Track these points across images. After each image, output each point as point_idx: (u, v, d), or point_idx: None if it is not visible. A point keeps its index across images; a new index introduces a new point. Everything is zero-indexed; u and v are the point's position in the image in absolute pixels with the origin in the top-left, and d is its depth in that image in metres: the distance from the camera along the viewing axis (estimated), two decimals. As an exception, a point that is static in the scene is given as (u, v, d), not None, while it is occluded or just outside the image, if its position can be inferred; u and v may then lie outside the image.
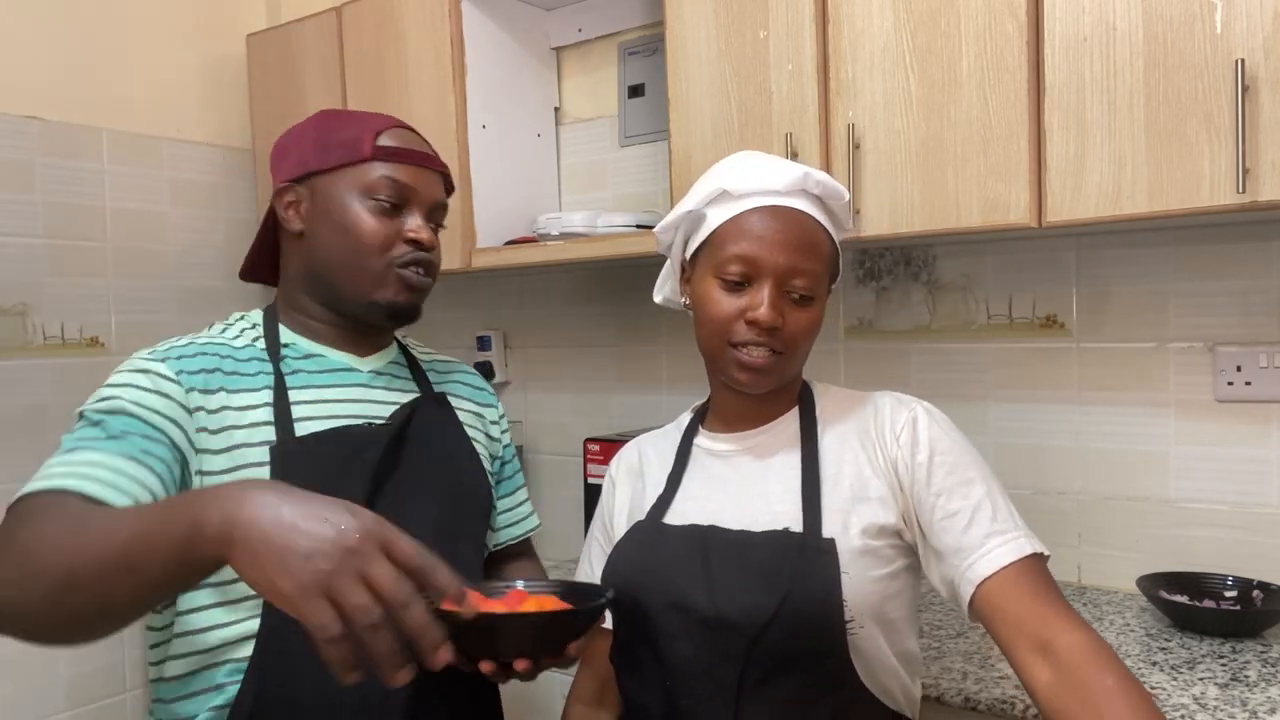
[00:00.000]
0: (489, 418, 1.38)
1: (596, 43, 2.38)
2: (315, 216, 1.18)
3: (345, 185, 1.16)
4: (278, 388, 1.14)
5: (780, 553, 1.04)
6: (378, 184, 1.16)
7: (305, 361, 1.19)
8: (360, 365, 1.24)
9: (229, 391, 1.11)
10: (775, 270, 1.06)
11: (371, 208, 1.16)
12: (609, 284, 2.43)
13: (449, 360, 1.41)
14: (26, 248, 2.29)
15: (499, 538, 1.39)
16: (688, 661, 1.05)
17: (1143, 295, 1.75)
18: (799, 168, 1.10)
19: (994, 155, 1.52)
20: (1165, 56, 1.39)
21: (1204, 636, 1.52)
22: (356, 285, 1.17)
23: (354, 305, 1.19)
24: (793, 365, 1.11)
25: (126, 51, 2.51)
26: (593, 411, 2.46)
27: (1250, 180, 1.33)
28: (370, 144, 1.16)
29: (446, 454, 1.25)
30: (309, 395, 1.16)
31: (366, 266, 1.16)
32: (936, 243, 1.89)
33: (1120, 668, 0.93)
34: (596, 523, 1.28)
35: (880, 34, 1.62)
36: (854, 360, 2.05)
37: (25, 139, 2.29)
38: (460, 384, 1.37)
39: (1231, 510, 1.69)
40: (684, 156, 1.85)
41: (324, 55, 2.43)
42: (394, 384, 1.25)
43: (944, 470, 1.06)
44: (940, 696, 1.36)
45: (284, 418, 1.12)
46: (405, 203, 1.18)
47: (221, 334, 1.19)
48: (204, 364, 1.12)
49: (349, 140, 1.17)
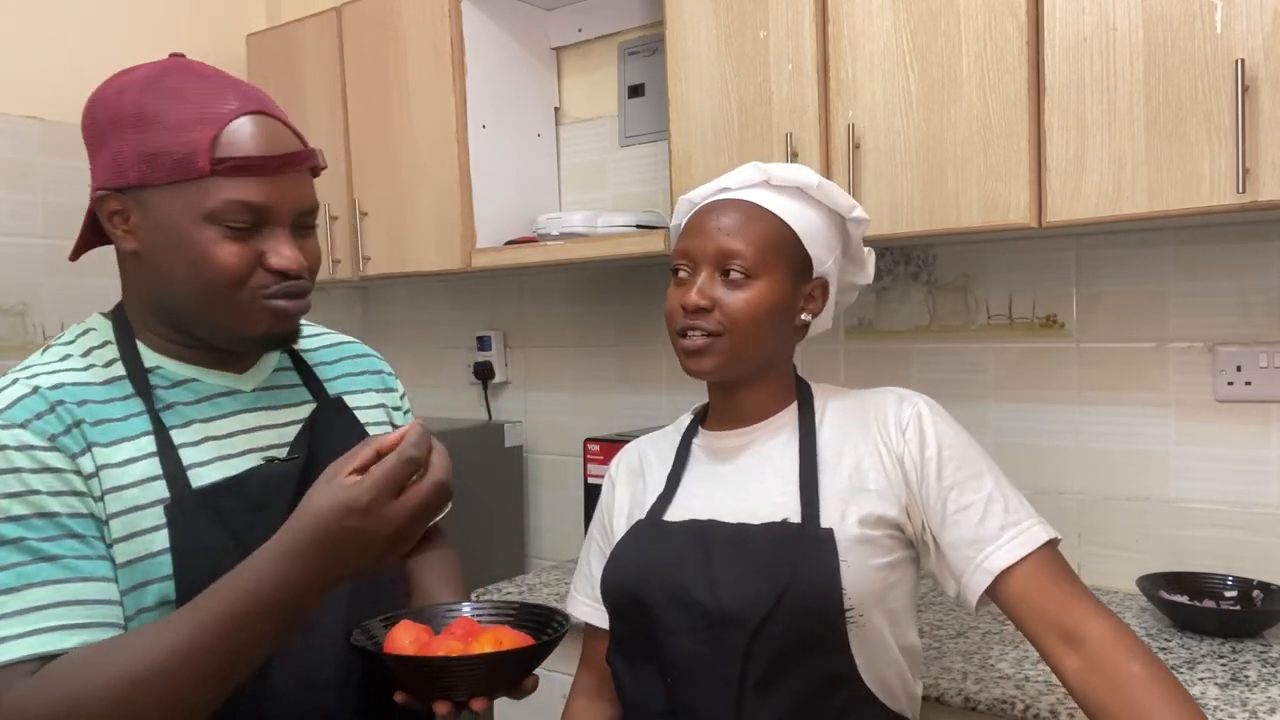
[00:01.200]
0: (390, 404, 1.20)
1: (596, 43, 2.38)
2: (150, 237, 0.95)
3: (182, 207, 0.92)
4: (158, 431, 0.95)
5: (778, 543, 1.05)
6: (223, 209, 0.92)
7: (178, 391, 1.00)
8: (242, 385, 1.04)
9: (102, 446, 0.92)
10: (706, 256, 1.10)
11: (220, 234, 0.93)
12: (609, 284, 2.43)
13: (341, 343, 1.20)
14: (26, 248, 2.29)
15: None
16: (690, 658, 1.05)
17: (1143, 295, 1.75)
18: (753, 164, 1.14)
19: (994, 155, 1.52)
20: (1165, 56, 1.39)
21: (1204, 636, 1.52)
22: (216, 321, 0.97)
23: (217, 339, 0.99)
24: (743, 346, 1.10)
25: (126, 51, 2.49)
26: (593, 411, 2.46)
27: (1250, 180, 1.33)
28: (207, 158, 0.91)
29: None
30: (192, 434, 0.98)
31: (224, 301, 0.95)
32: (936, 243, 1.89)
33: (1146, 653, 0.97)
34: (595, 523, 1.29)
35: (880, 34, 1.62)
36: (854, 360, 2.05)
37: (25, 139, 2.29)
38: (353, 375, 1.17)
39: (1231, 510, 1.69)
40: (684, 156, 1.85)
41: (324, 55, 2.43)
42: (283, 399, 1.07)
43: (953, 465, 1.07)
44: (940, 696, 1.36)
45: (174, 468, 0.94)
46: (262, 221, 0.95)
47: (64, 361, 0.97)
48: (62, 418, 0.91)
49: (180, 150, 0.91)
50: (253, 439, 1.02)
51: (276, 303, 0.96)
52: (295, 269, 0.96)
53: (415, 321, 2.84)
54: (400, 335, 2.86)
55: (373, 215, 2.35)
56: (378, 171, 2.34)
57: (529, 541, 2.61)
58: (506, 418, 2.61)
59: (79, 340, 1.00)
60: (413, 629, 0.97)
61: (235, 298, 0.95)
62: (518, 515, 2.57)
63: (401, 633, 0.96)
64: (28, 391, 0.91)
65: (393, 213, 2.32)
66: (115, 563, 0.90)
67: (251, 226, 0.94)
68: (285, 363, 1.11)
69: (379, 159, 2.33)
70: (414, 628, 0.97)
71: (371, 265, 2.37)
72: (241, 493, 0.97)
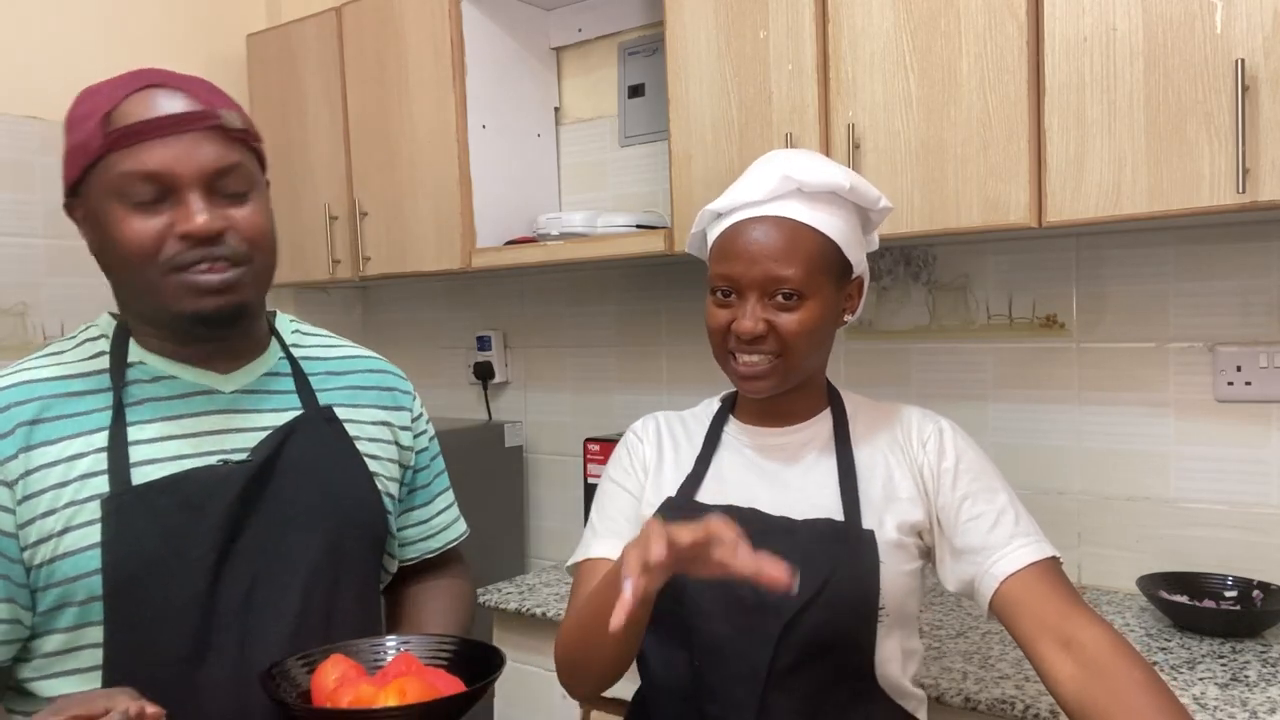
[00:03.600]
0: (398, 423, 1.15)
1: (596, 43, 2.38)
2: (90, 233, 0.98)
3: (97, 193, 0.94)
4: (115, 425, 0.95)
5: (823, 539, 1.07)
6: (121, 182, 0.92)
7: (154, 386, 0.99)
8: (222, 385, 1.03)
9: (51, 443, 0.93)
10: (753, 283, 1.08)
11: (126, 210, 0.92)
12: (609, 284, 2.43)
13: (354, 356, 1.17)
14: (26, 248, 2.29)
15: (410, 553, 1.20)
16: (722, 641, 1.06)
17: (1143, 295, 1.75)
18: (777, 170, 1.09)
19: (994, 155, 1.52)
20: (1165, 56, 1.39)
21: (1204, 636, 1.52)
22: (147, 302, 0.96)
23: (163, 321, 0.98)
24: (799, 364, 1.11)
25: (127, 51, 2.50)
26: (593, 411, 2.46)
27: (1250, 180, 1.33)
28: (99, 134, 0.91)
29: (325, 481, 1.04)
30: (154, 430, 0.97)
31: (142, 280, 0.94)
32: (936, 243, 1.89)
33: (1143, 661, 0.97)
34: (615, 467, 1.23)
35: (880, 34, 1.62)
36: (854, 360, 2.05)
37: (25, 139, 2.29)
38: (361, 388, 1.13)
39: (1231, 510, 1.69)
40: (684, 156, 1.85)
41: (324, 55, 2.43)
42: (266, 403, 1.04)
43: (969, 476, 1.10)
44: (940, 696, 1.36)
45: (119, 464, 0.93)
46: (169, 189, 0.93)
47: (54, 355, 1.01)
48: (24, 414, 0.94)
49: (81, 135, 0.93)
50: (221, 440, 1.00)
51: (191, 274, 0.93)
52: (201, 232, 0.92)
53: (415, 321, 2.84)
54: (400, 335, 2.85)
55: (372, 215, 2.35)
56: (378, 171, 2.34)
57: (529, 541, 2.61)
58: (506, 418, 2.61)
59: (80, 335, 1.03)
60: (340, 665, 0.90)
61: (150, 273, 0.93)
62: (518, 515, 2.57)
63: (329, 669, 0.90)
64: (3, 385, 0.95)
65: (393, 213, 2.31)
66: (16, 580, 0.91)
67: (158, 198, 0.92)
68: (283, 368, 1.08)
69: (379, 159, 2.33)
70: (342, 663, 0.91)
71: (371, 265, 2.37)
72: (177, 492, 0.94)
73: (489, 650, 0.96)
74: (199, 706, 0.93)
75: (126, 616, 0.92)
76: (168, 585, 0.93)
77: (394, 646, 0.99)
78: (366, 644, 0.98)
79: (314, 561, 1.01)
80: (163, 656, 0.93)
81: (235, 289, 0.96)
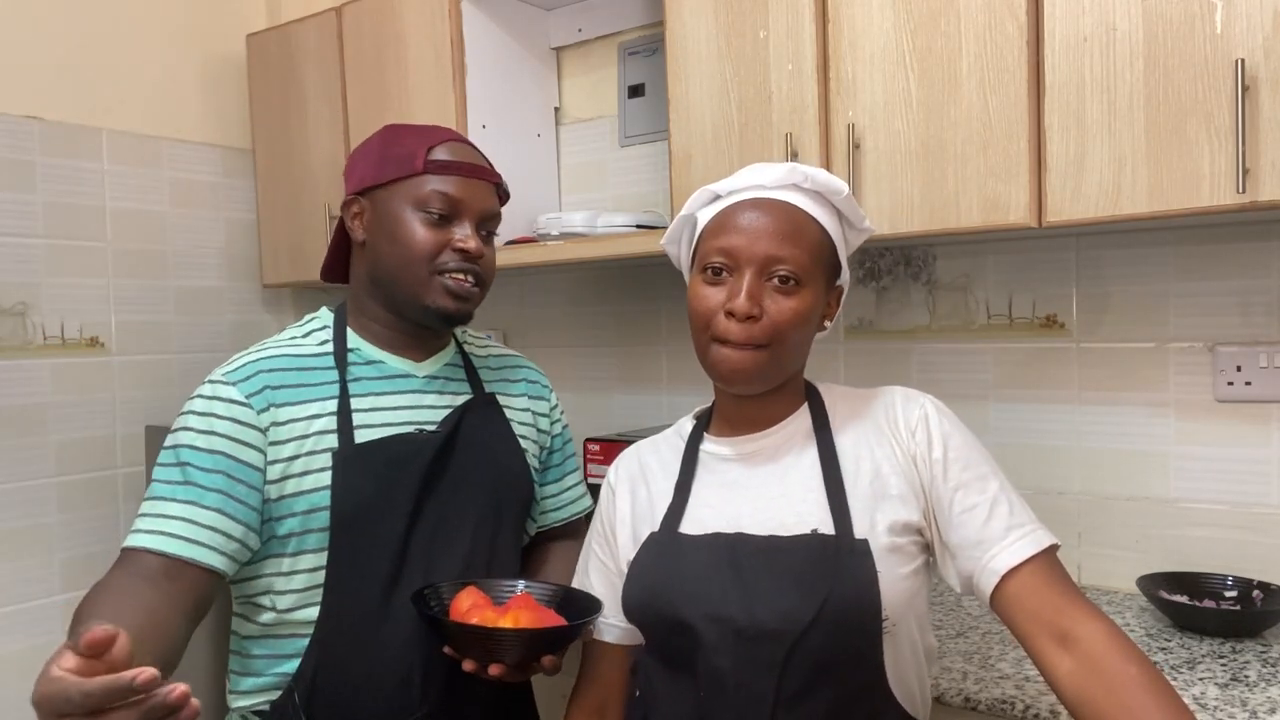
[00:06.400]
0: (539, 410, 1.46)
1: (596, 43, 2.38)
2: (375, 227, 1.27)
3: (400, 198, 1.25)
4: (342, 397, 1.24)
5: (815, 556, 1.03)
6: (429, 197, 1.24)
7: (368, 368, 1.29)
8: (416, 370, 1.32)
9: (295, 404, 1.22)
10: (754, 259, 1.05)
11: (423, 219, 1.24)
12: (609, 284, 2.43)
13: (507, 355, 1.49)
14: (26, 248, 2.29)
15: (546, 520, 1.48)
16: (723, 674, 1.03)
17: (1143, 295, 1.75)
18: (789, 164, 1.09)
19: (994, 155, 1.53)
20: (1165, 56, 1.39)
21: (1204, 636, 1.52)
22: (408, 291, 1.25)
23: (408, 309, 1.27)
24: (784, 360, 1.08)
25: (126, 51, 2.51)
26: (593, 411, 2.46)
27: (1250, 180, 1.33)
28: (423, 159, 1.25)
29: (491, 452, 1.34)
30: (368, 403, 1.26)
31: (415, 274, 1.24)
32: (936, 243, 1.89)
33: (1142, 656, 0.96)
34: (594, 533, 1.25)
35: (880, 34, 1.62)
36: (854, 360, 2.05)
37: (25, 139, 2.30)
38: (513, 381, 1.44)
39: (1231, 510, 1.69)
40: (684, 156, 1.86)
41: (324, 55, 2.43)
42: (447, 388, 1.34)
43: (959, 465, 1.07)
44: (940, 696, 1.36)
45: (345, 427, 1.22)
46: (455, 214, 1.25)
47: (292, 339, 1.29)
48: (272, 380, 1.22)
49: (404, 156, 1.26)
50: (415, 414, 1.29)
51: (453, 279, 1.25)
52: (474, 252, 1.25)
53: (415, 321, 2.83)
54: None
55: (373, 215, 2.35)
56: (378, 171, 2.34)
57: (529, 541, 2.61)
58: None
59: (307, 324, 1.33)
60: (473, 595, 1.15)
61: (423, 271, 1.24)
62: (518, 515, 2.57)
63: (465, 598, 1.15)
64: (257, 357, 1.24)
65: (393, 213, 2.31)
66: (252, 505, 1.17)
67: (446, 217, 1.25)
68: (457, 360, 1.38)
69: (379, 159, 2.33)
70: (474, 594, 1.16)
71: (371, 265, 2.36)
72: (386, 451, 1.23)
73: (590, 599, 1.19)
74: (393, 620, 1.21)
75: (345, 544, 1.20)
76: (377, 523, 1.21)
77: (518, 587, 1.24)
78: (496, 582, 1.24)
79: (480, 514, 1.30)
80: (369, 579, 1.21)
81: (471, 300, 1.28)
